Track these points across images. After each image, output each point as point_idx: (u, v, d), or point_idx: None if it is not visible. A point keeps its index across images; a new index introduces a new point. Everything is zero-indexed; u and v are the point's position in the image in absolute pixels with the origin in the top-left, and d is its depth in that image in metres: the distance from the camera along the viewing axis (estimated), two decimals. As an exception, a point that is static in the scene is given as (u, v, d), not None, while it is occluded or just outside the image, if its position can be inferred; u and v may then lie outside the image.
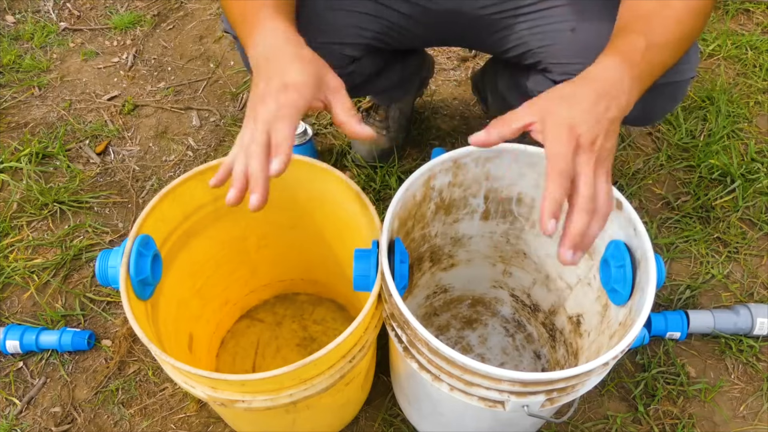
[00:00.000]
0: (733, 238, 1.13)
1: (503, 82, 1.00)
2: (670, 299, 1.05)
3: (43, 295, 1.07)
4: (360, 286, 0.65)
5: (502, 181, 0.76)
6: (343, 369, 0.65)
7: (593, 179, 0.53)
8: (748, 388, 0.97)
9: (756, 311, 0.98)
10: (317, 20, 0.80)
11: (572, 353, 0.85)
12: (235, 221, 0.83)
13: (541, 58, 0.81)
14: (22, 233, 1.16)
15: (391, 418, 0.93)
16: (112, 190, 1.23)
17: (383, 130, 1.20)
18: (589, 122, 0.54)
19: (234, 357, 0.98)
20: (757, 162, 1.23)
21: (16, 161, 1.26)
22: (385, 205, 1.10)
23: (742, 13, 1.55)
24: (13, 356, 1.01)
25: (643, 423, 0.93)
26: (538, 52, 0.82)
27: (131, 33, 1.55)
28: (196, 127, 1.33)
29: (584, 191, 0.52)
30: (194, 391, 0.64)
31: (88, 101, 1.40)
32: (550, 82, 0.81)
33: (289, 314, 1.03)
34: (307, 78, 0.58)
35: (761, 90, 1.38)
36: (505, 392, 0.59)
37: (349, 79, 0.88)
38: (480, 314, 1.01)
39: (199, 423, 0.93)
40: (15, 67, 1.46)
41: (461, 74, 1.43)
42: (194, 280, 0.84)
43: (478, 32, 0.87)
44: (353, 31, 0.83)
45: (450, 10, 0.84)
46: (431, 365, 0.61)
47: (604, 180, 0.54)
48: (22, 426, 0.94)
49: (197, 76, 1.45)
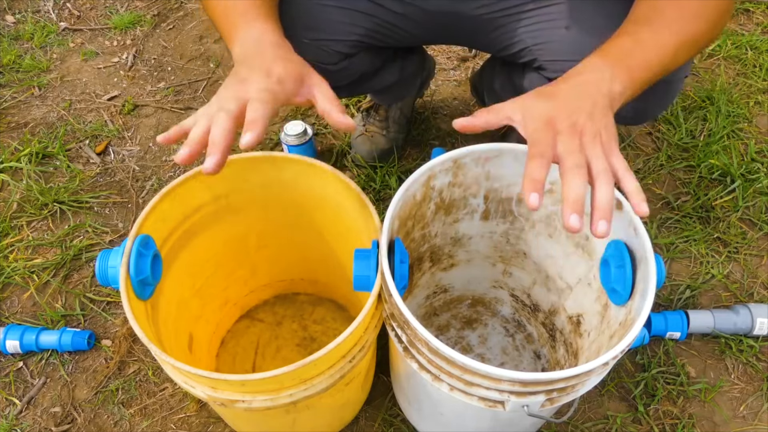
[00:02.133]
0: (733, 238, 1.13)
1: (499, 81, 1.01)
2: (670, 299, 1.05)
3: (43, 295, 1.07)
4: (360, 286, 0.65)
5: (502, 181, 0.76)
6: (343, 369, 0.65)
7: (579, 152, 0.52)
8: (748, 388, 0.97)
9: (756, 311, 0.98)
10: (306, 16, 0.80)
11: (572, 353, 0.85)
12: (235, 221, 0.83)
13: (537, 56, 0.82)
14: (22, 233, 1.16)
15: (391, 418, 0.93)
16: (112, 190, 1.23)
17: (383, 130, 1.20)
18: (566, 110, 0.54)
19: (234, 357, 0.98)
20: (757, 162, 1.23)
21: (16, 161, 1.26)
22: (385, 205, 1.11)
23: (742, 13, 1.55)
24: (13, 356, 1.01)
25: (643, 423, 0.93)
26: (533, 50, 0.82)
27: (131, 33, 1.55)
28: (196, 127, 1.33)
29: (568, 163, 0.52)
30: (194, 391, 0.64)
31: (88, 101, 1.40)
32: (544, 79, 0.82)
33: (289, 314, 1.03)
34: (290, 73, 0.58)
35: (761, 90, 1.38)
36: (505, 392, 0.59)
37: (341, 76, 0.88)
38: (480, 314, 1.01)
39: (199, 423, 0.93)
40: (15, 67, 1.46)
41: (461, 74, 1.43)
42: (194, 280, 0.84)
43: (473, 31, 0.87)
44: (343, 27, 0.82)
45: (445, 11, 0.84)
46: (431, 365, 0.61)
47: (599, 153, 0.53)
48: (22, 426, 0.94)
49: (197, 76, 1.45)
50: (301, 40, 0.75)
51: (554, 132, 0.54)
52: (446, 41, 0.98)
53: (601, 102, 0.56)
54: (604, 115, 0.55)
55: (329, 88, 0.60)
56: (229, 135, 0.53)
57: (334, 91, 0.60)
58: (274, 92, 0.56)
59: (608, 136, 0.54)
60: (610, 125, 0.55)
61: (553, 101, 0.56)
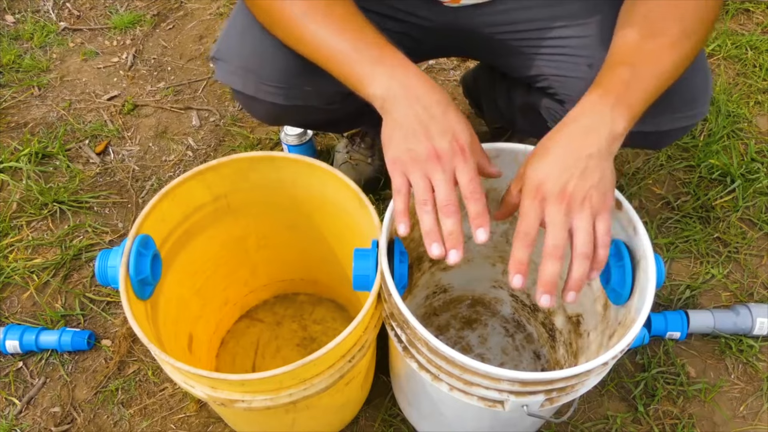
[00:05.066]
0: (733, 238, 1.13)
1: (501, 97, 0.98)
2: (670, 299, 1.05)
3: (43, 295, 1.07)
4: (360, 285, 0.65)
5: (502, 181, 0.76)
6: (342, 369, 0.65)
7: (563, 227, 0.55)
8: (748, 388, 0.97)
9: (756, 311, 0.98)
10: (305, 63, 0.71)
11: (572, 353, 0.85)
12: (235, 221, 0.83)
13: (555, 87, 0.78)
14: (22, 233, 1.16)
15: (390, 418, 0.93)
16: (112, 190, 1.23)
17: (368, 158, 1.16)
18: (556, 172, 0.55)
19: (234, 357, 0.98)
20: (757, 162, 1.23)
21: (15, 161, 1.26)
22: (384, 205, 1.10)
23: (742, 13, 1.55)
24: (12, 356, 1.01)
25: (643, 423, 0.93)
26: (551, 79, 0.78)
27: (131, 33, 1.55)
28: (195, 127, 1.33)
29: (549, 240, 0.55)
30: (194, 390, 0.64)
31: (87, 101, 1.40)
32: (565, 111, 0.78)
33: (289, 314, 1.03)
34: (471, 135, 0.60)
35: (761, 90, 1.38)
36: (504, 392, 0.59)
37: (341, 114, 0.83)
38: (480, 314, 1.01)
39: (199, 423, 0.93)
40: (15, 66, 1.46)
41: (461, 74, 1.43)
42: (194, 280, 0.84)
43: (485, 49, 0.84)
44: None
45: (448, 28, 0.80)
46: (431, 365, 0.61)
47: (584, 221, 0.55)
48: (22, 426, 0.94)
49: (197, 76, 1.45)
50: (303, 89, 0.72)
51: (542, 199, 0.55)
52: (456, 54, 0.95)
53: (599, 151, 0.56)
54: (598, 168, 0.56)
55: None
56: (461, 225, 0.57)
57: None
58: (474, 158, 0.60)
59: (599, 196, 0.56)
60: (604, 178, 0.56)
61: (545, 160, 0.57)
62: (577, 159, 0.55)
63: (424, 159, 0.57)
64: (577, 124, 0.57)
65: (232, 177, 0.76)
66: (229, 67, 0.75)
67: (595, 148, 0.56)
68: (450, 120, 0.58)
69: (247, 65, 0.74)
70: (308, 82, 0.68)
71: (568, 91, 0.76)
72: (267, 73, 0.73)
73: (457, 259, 0.57)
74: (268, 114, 0.80)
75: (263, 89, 0.74)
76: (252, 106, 0.79)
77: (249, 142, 1.28)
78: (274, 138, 1.29)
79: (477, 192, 0.57)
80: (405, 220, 0.59)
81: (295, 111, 0.78)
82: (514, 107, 0.94)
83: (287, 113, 0.79)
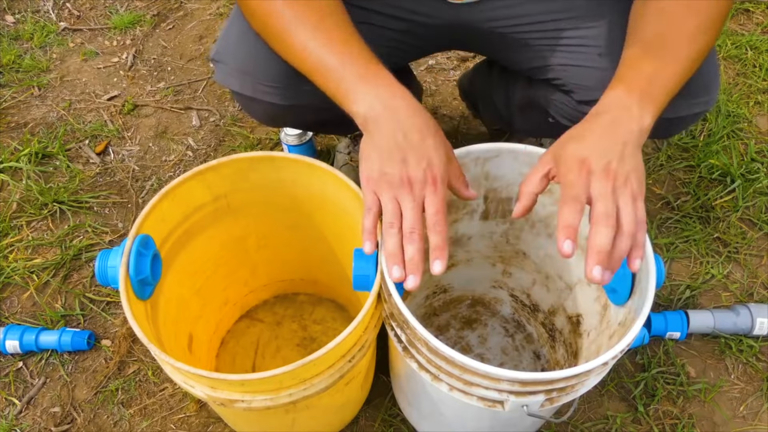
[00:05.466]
0: (733, 238, 1.13)
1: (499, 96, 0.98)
2: (670, 299, 1.05)
3: (43, 295, 1.07)
4: (359, 285, 0.65)
5: (502, 181, 0.76)
6: (342, 369, 0.65)
7: (612, 199, 0.53)
8: (748, 388, 0.97)
9: (756, 311, 0.98)
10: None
11: (572, 353, 0.85)
12: (235, 221, 0.83)
13: (563, 77, 0.78)
14: (22, 233, 1.16)
15: (390, 418, 0.93)
16: (112, 190, 1.23)
17: None
18: (599, 150, 0.55)
19: (234, 357, 0.98)
20: (757, 162, 1.23)
21: (15, 161, 1.26)
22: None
23: (742, 13, 1.55)
24: (12, 356, 1.01)
25: (643, 423, 0.93)
26: (558, 69, 0.78)
27: (131, 33, 1.55)
28: (195, 127, 1.33)
29: (600, 208, 0.53)
30: (194, 390, 0.64)
31: (87, 101, 1.40)
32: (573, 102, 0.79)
33: (289, 314, 1.03)
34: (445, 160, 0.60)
35: (761, 90, 1.38)
36: (504, 392, 0.59)
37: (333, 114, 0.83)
38: (480, 314, 1.01)
39: (198, 423, 0.93)
40: (15, 67, 1.46)
41: (461, 74, 1.43)
42: (194, 280, 0.84)
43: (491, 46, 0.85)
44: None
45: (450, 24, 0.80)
46: (431, 365, 0.61)
47: (628, 200, 0.54)
48: (22, 426, 0.94)
49: (197, 76, 1.45)
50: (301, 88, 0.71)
51: (588, 172, 0.54)
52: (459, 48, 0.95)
53: (631, 142, 0.56)
54: (634, 156, 0.56)
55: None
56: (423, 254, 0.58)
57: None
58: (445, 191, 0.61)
59: (638, 182, 0.55)
60: (639, 167, 0.56)
61: (584, 142, 0.56)
62: (615, 143, 0.55)
63: (396, 184, 0.58)
64: (607, 116, 0.58)
65: (232, 177, 0.76)
66: (228, 69, 0.76)
67: (629, 138, 0.56)
68: (428, 148, 0.59)
69: (244, 67, 0.74)
70: (306, 81, 0.68)
71: (576, 80, 0.76)
72: (264, 74, 0.73)
73: (414, 285, 0.57)
74: (266, 114, 0.80)
75: (261, 89, 0.75)
76: (251, 107, 0.80)
77: (249, 142, 1.29)
78: (274, 138, 1.30)
79: (440, 224, 0.58)
80: (372, 239, 0.60)
81: (294, 111, 0.78)
82: (513, 106, 0.94)
83: (286, 113, 0.79)
